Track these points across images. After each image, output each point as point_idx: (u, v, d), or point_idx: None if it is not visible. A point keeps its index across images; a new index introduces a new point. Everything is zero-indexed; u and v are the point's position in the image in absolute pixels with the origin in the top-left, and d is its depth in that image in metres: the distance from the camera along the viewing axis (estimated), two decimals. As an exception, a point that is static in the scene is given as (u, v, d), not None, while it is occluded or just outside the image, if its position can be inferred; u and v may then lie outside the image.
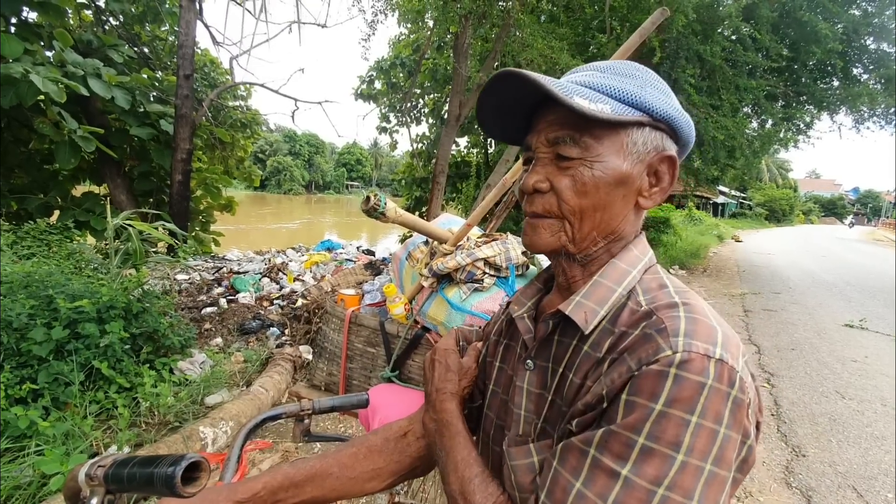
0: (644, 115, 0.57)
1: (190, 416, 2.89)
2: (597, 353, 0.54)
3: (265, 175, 58.12)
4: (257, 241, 13.48)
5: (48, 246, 4.41)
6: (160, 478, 0.51)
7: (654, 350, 0.48)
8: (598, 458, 0.47)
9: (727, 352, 0.48)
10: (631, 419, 0.46)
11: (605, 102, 0.55)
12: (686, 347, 0.47)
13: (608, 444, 0.47)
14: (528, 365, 0.63)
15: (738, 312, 6.83)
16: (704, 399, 0.45)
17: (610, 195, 0.58)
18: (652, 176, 0.60)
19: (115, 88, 6.13)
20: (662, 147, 0.59)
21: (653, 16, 1.21)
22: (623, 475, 0.46)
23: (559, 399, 0.58)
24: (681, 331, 0.48)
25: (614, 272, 0.59)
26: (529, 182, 0.60)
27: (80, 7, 7.56)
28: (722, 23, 7.40)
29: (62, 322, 2.75)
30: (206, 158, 9.05)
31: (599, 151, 0.56)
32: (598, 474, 0.47)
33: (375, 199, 1.10)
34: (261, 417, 0.83)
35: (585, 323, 0.56)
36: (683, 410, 0.45)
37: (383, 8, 7.54)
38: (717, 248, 17.02)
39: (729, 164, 9.19)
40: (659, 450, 0.45)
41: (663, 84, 0.61)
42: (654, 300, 0.55)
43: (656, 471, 0.45)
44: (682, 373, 0.46)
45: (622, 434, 0.46)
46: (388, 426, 0.79)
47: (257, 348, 4.00)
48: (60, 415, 2.48)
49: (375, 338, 1.42)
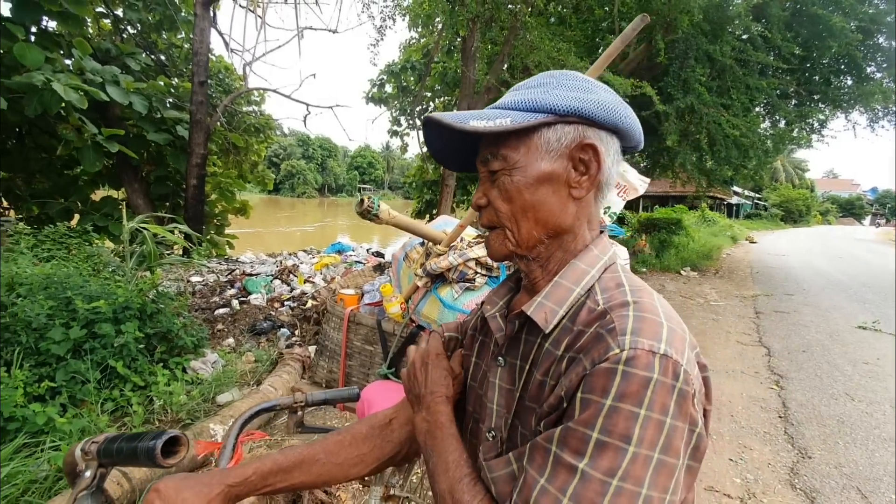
0: (549, 115, 0.60)
1: (201, 413, 2.98)
2: (556, 351, 0.58)
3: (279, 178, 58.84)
4: (272, 243, 13.67)
5: (68, 249, 4.56)
6: (143, 451, 0.58)
7: (605, 349, 0.51)
8: (559, 455, 0.50)
9: (671, 347, 0.51)
10: (585, 415, 0.50)
11: (505, 117, 0.60)
12: (632, 345, 0.50)
13: (566, 441, 0.50)
14: (500, 361, 0.67)
15: (750, 314, 6.76)
16: (651, 392, 0.49)
17: (535, 195, 0.62)
18: (579, 165, 0.63)
19: (132, 95, 6.31)
20: (581, 137, 0.62)
21: (633, 22, 1.25)
22: (580, 469, 0.49)
23: (525, 395, 0.62)
24: (628, 329, 0.52)
25: (573, 273, 0.63)
26: (473, 201, 0.68)
27: (99, 16, 7.80)
28: (731, 22, 7.35)
29: (80, 322, 2.86)
30: (221, 163, 9.23)
31: (516, 159, 0.62)
32: (559, 469, 0.50)
33: (369, 201, 1.16)
34: (255, 409, 0.88)
35: (546, 323, 0.60)
36: (632, 404, 0.48)
37: (391, 13, 7.62)
38: (730, 249, 16.81)
39: (741, 164, 9.10)
40: (611, 443, 0.48)
41: (582, 82, 0.64)
42: (610, 299, 0.58)
43: (610, 463, 0.48)
44: (629, 369, 0.49)
45: (578, 430, 0.50)
46: (373, 416, 0.84)
47: (268, 348, 4.09)
48: (77, 412, 2.58)
49: (373, 336, 1.48)
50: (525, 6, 7.01)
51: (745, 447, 3.12)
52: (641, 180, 1.67)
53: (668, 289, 8.60)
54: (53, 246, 4.49)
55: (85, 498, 0.62)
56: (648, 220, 14.29)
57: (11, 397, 2.34)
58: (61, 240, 4.66)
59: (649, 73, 8.27)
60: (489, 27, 7.43)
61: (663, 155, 9.84)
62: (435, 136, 0.68)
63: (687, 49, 7.50)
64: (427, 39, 11.33)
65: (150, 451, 0.58)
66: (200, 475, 0.69)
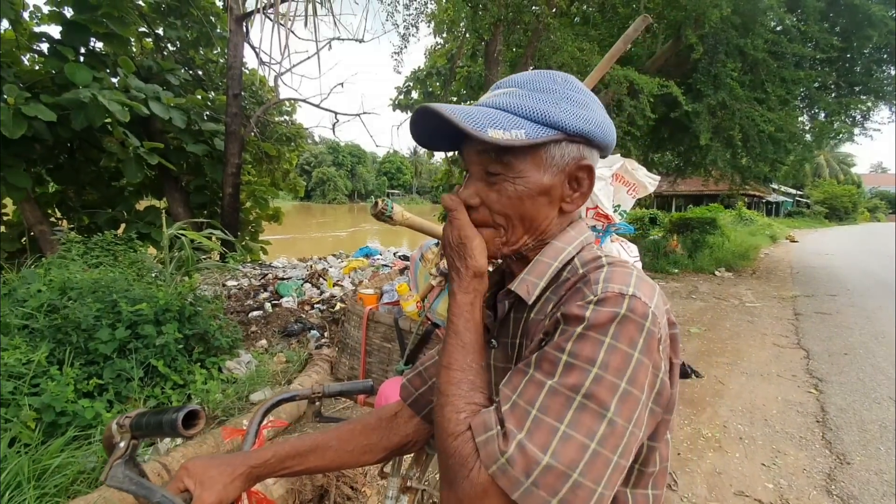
0: (559, 132, 0.63)
1: (236, 411, 3.12)
2: (542, 318, 0.63)
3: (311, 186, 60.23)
4: (305, 249, 14.01)
5: (114, 256, 4.84)
6: (167, 423, 0.66)
7: (581, 297, 0.57)
8: (532, 374, 0.55)
9: (639, 291, 0.56)
10: (556, 342, 0.55)
11: (520, 127, 0.61)
12: (604, 290, 0.56)
13: (539, 364, 0.56)
14: (493, 344, 0.72)
15: (788, 316, 6.51)
16: (618, 325, 0.54)
17: (534, 205, 0.66)
18: (573, 182, 0.68)
19: (172, 110, 6.65)
20: (580, 156, 0.66)
21: (635, 24, 1.27)
22: (548, 384, 0.53)
23: (516, 363, 0.66)
24: (601, 279, 0.58)
25: (552, 250, 0.68)
26: (462, 197, 0.69)
27: (142, 36, 8.25)
28: (763, 15, 7.12)
29: (124, 324, 3.04)
30: (255, 172, 9.58)
31: (521, 168, 0.64)
32: (529, 386, 0.55)
33: (382, 203, 1.22)
34: (277, 399, 0.96)
35: (528, 295, 0.65)
36: (599, 333, 0.53)
37: (414, 21, 7.75)
38: (768, 248, 16.16)
39: (778, 159, 8.77)
40: (577, 364, 0.53)
41: (581, 94, 0.66)
42: (590, 273, 0.62)
43: (575, 380, 0.52)
44: (599, 307, 0.55)
45: (549, 353, 0.55)
46: (382, 408, 0.91)
47: (298, 349, 4.23)
48: (122, 407, 2.76)
49: (391, 333, 1.54)
50: (548, 7, 7.00)
51: (780, 452, 3.03)
52: (651, 178, 1.68)
53: (701, 290, 8.37)
54: (101, 253, 4.77)
55: (119, 465, 0.70)
56: (681, 220, 13.92)
57: (63, 393, 2.52)
58: (108, 247, 4.95)
59: (677, 70, 8.10)
60: (512, 30, 7.46)
61: (695, 153, 9.60)
62: (426, 125, 0.67)
63: (716, 44, 7.31)
64: (451, 45, 11.44)
65: (172, 423, 0.65)
66: (225, 455, 0.76)
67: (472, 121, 0.60)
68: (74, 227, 6.96)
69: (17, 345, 2.73)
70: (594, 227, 1.61)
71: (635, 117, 6.99)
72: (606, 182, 1.56)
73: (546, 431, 0.51)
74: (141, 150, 6.15)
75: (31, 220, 6.13)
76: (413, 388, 0.89)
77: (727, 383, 4.11)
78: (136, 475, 0.69)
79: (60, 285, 3.32)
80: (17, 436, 2.37)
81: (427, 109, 0.62)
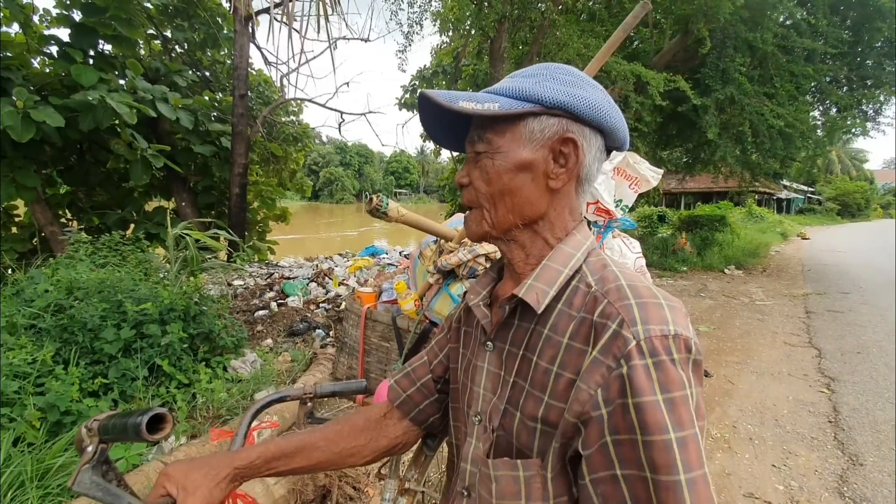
0: (536, 105, 0.62)
1: (240, 410, 3.11)
2: (559, 337, 0.60)
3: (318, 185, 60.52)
4: (313, 249, 14.07)
5: (122, 256, 4.88)
6: (131, 426, 0.63)
7: (623, 343, 0.53)
8: (658, 479, 0.50)
9: (677, 325, 0.54)
10: (649, 420, 0.50)
11: (494, 101, 0.61)
12: (646, 334, 0.53)
13: (653, 461, 0.50)
14: (489, 346, 0.70)
15: (799, 314, 6.41)
16: (679, 371, 0.52)
17: (514, 180, 0.64)
18: (559, 158, 0.65)
19: (179, 111, 6.68)
20: (564, 130, 0.64)
21: (634, 10, 1.23)
22: (682, 482, 0.49)
23: (522, 380, 0.64)
24: (637, 319, 0.54)
25: (560, 255, 0.65)
26: (456, 178, 0.70)
27: (150, 38, 8.31)
28: (772, 9, 7.00)
29: (129, 323, 3.06)
30: (262, 172, 9.62)
31: (500, 143, 0.64)
32: (667, 494, 0.49)
33: (378, 199, 1.20)
34: (267, 400, 0.94)
35: (538, 303, 0.62)
36: (677, 389, 0.51)
37: (419, 19, 7.73)
38: (779, 246, 15.94)
39: (789, 155, 8.64)
40: (686, 433, 0.50)
41: (574, 77, 0.65)
42: (602, 281, 0.61)
43: (696, 453, 0.50)
44: (656, 359, 0.52)
45: (655, 440, 0.50)
46: (370, 408, 0.88)
47: (303, 349, 4.23)
48: (127, 407, 2.77)
49: (389, 332, 1.52)
50: (554, 4, 6.95)
51: (790, 453, 2.97)
52: (653, 172, 1.63)
53: (710, 288, 8.27)
54: (109, 253, 4.81)
55: (86, 471, 0.68)
56: (689, 218, 13.78)
57: (68, 393, 2.53)
58: (116, 247, 4.99)
59: (685, 65, 8.00)
60: (517, 27, 7.41)
61: (703, 149, 9.48)
62: (431, 117, 0.70)
63: (725, 38, 7.21)
64: (456, 43, 11.42)
65: (136, 427, 0.63)
66: (208, 457, 0.73)
67: (446, 97, 0.61)
68: (84, 228, 7.04)
69: (24, 344, 2.75)
70: (595, 222, 1.57)
71: (642, 113, 6.91)
72: (607, 176, 1.52)
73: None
74: (148, 152, 6.20)
75: (41, 221, 6.20)
76: (401, 389, 0.86)
77: (737, 383, 4.05)
78: (103, 481, 0.67)
79: (67, 285, 3.34)
80: (22, 435, 2.39)
81: (423, 96, 0.63)
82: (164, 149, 6.41)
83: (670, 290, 8.12)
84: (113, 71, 6.58)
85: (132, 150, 6.15)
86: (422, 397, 0.85)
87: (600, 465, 0.53)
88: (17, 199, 5.79)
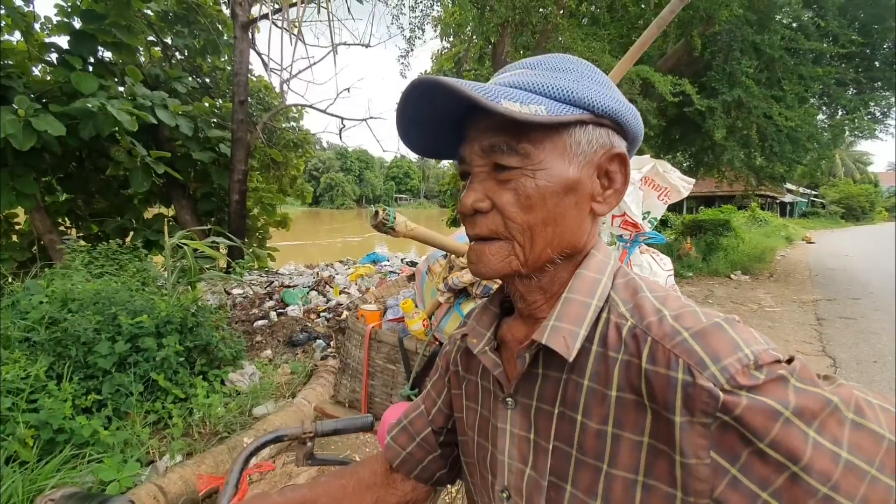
0: (585, 112, 0.50)
1: (238, 426, 3.01)
2: (607, 390, 0.48)
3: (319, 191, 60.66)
4: (314, 255, 13.97)
5: (119, 265, 4.79)
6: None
7: (710, 397, 0.42)
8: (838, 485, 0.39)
9: (748, 343, 0.43)
10: (793, 447, 0.40)
11: (538, 103, 0.48)
12: (726, 375, 0.41)
13: (822, 472, 0.39)
14: (509, 404, 0.57)
15: (810, 321, 6.28)
16: (780, 386, 0.41)
17: (560, 206, 0.51)
18: (603, 177, 0.54)
19: (179, 117, 6.62)
20: (610, 144, 0.53)
21: (671, 4, 1.13)
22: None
23: (567, 446, 0.51)
24: (705, 361, 0.43)
25: (583, 284, 0.53)
26: (468, 202, 0.53)
27: (150, 44, 8.27)
28: (779, 11, 6.94)
29: (124, 336, 2.96)
30: (262, 178, 9.55)
31: (541, 158, 0.50)
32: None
33: (384, 213, 1.10)
34: (261, 441, 0.84)
35: (567, 350, 0.49)
36: (806, 421, 0.40)
37: (420, 24, 7.69)
38: (785, 250, 15.80)
39: (795, 159, 8.55)
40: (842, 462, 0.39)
41: (602, 76, 0.54)
42: (638, 311, 0.50)
43: (859, 482, 0.39)
44: (753, 396, 0.41)
45: (811, 459, 0.39)
46: (378, 459, 0.77)
47: (304, 360, 4.12)
48: (120, 424, 2.66)
49: (395, 354, 1.42)
50: (556, 8, 6.89)
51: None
52: (685, 182, 1.52)
53: (717, 294, 8.15)
54: (106, 262, 4.73)
55: None
56: (693, 222, 13.69)
57: (60, 410, 2.44)
58: (113, 256, 4.91)
59: (690, 68, 7.93)
60: (520, 32, 7.35)
61: (707, 153, 9.40)
62: (410, 107, 0.52)
63: (731, 41, 7.14)
64: (458, 48, 11.38)
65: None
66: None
67: (483, 92, 0.46)
68: (83, 236, 6.98)
69: (17, 359, 2.66)
70: (621, 236, 1.46)
71: (648, 117, 6.83)
72: (635, 186, 1.41)
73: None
74: (148, 159, 6.13)
75: (40, 229, 6.13)
76: (399, 446, 0.75)
77: (750, 394, 3.93)
78: None
79: (62, 297, 3.25)
80: (14, 454, 2.29)
81: (425, 81, 0.47)
82: (165, 155, 6.35)
83: (677, 296, 8.02)
84: (112, 78, 6.53)
85: (132, 157, 6.09)
86: (423, 453, 0.73)
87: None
88: (17, 207, 5.72)
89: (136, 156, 6.06)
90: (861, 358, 4.77)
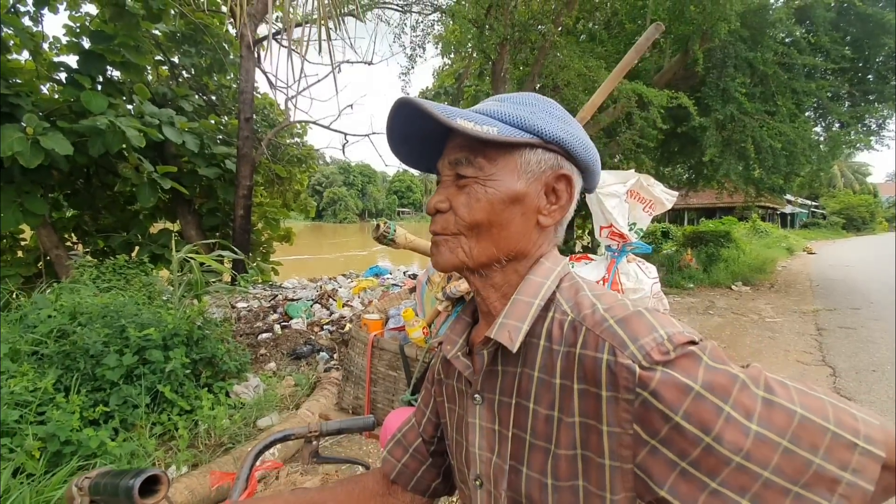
0: (534, 137, 0.59)
1: (242, 438, 3.05)
2: (551, 378, 0.55)
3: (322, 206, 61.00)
4: (317, 269, 14.04)
5: (126, 279, 4.87)
6: (123, 489, 0.58)
7: (629, 372, 0.48)
8: (724, 493, 0.45)
9: (664, 326, 0.50)
10: (704, 419, 0.45)
11: (492, 125, 0.57)
12: (643, 351, 0.48)
13: (725, 478, 0.45)
14: (476, 399, 0.64)
15: (811, 331, 6.29)
16: (692, 362, 0.47)
17: (505, 213, 0.59)
18: (551, 194, 0.62)
19: (185, 134, 6.77)
20: (559, 166, 0.61)
21: (647, 32, 1.22)
22: (765, 477, 0.44)
23: (522, 432, 0.58)
24: (626, 340, 0.49)
25: (530, 287, 0.60)
26: (431, 203, 0.63)
27: (158, 64, 8.47)
28: (772, 27, 7.08)
29: (132, 349, 3.02)
30: (267, 193, 9.68)
31: (492, 171, 0.59)
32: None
33: (385, 226, 1.17)
34: (269, 440, 0.90)
35: (511, 342, 0.57)
36: (699, 377, 0.46)
37: (421, 42, 7.86)
38: (786, 261, 15.82)
39: (792, 171, 8.63)
40: (735, 393, 0.46)
41: (560, 111, 0.63)
42: (577, 307, 0.57)
43: (760, 387, 0.46)
44: (666, 368, 0.47)
45: (716, 453, 0.45)
46: (384, 469, 0.81)
47: (307, 372, 4.17)
48: (127, 435, 2.71)
49: (397, 361, 1.48)
50: (554, 26, 7.05)
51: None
52: (668, 195, 1.60)
53: (718, 305, 8.17)
54: (113, 276, 4.80)
55: None
56: (694, 234, 13.73)
57: (68, 422, 2.49)
58: (120, 270, 4.98)
59: (685, 83, 8.06)
60: (518, 49, 7.51)
61: (706, 166, 9.49)
62: (398, 124, 0.61)
63: (725, 57, 7.28)
64: (458, 65, 11.59)
65: (128, 490, 0.58)
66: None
67: (441, 110, 0.55)
68: (90, 251, 7.07)
69: (25, 371, 2.71)
70: (609, 246, 1.53)
71: (645, 129, 6.94)
72: (621, 199, 1.49)
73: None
74: (155, 175, 6.25)
75: (47, 245, 6.22)
76: (395, 459, 0.79)
77: (750, 404, 3.94)
78: None
79: (70, 310, 3.32)
80: (21, 465, 2.33)
81: (404, 102, 0.56)
82: (171, 170, 6.47)
83: (677, 307, 8.03)
84: (121, 96, 6.68)
85: (139, 173, 6.21)
86: (417, 464, 0.78)
87: (691, 493, 0.46)
88: (23, 225, 5.81)
89: (144, 172, 6.18)
90: (860, 367, 4.78)
